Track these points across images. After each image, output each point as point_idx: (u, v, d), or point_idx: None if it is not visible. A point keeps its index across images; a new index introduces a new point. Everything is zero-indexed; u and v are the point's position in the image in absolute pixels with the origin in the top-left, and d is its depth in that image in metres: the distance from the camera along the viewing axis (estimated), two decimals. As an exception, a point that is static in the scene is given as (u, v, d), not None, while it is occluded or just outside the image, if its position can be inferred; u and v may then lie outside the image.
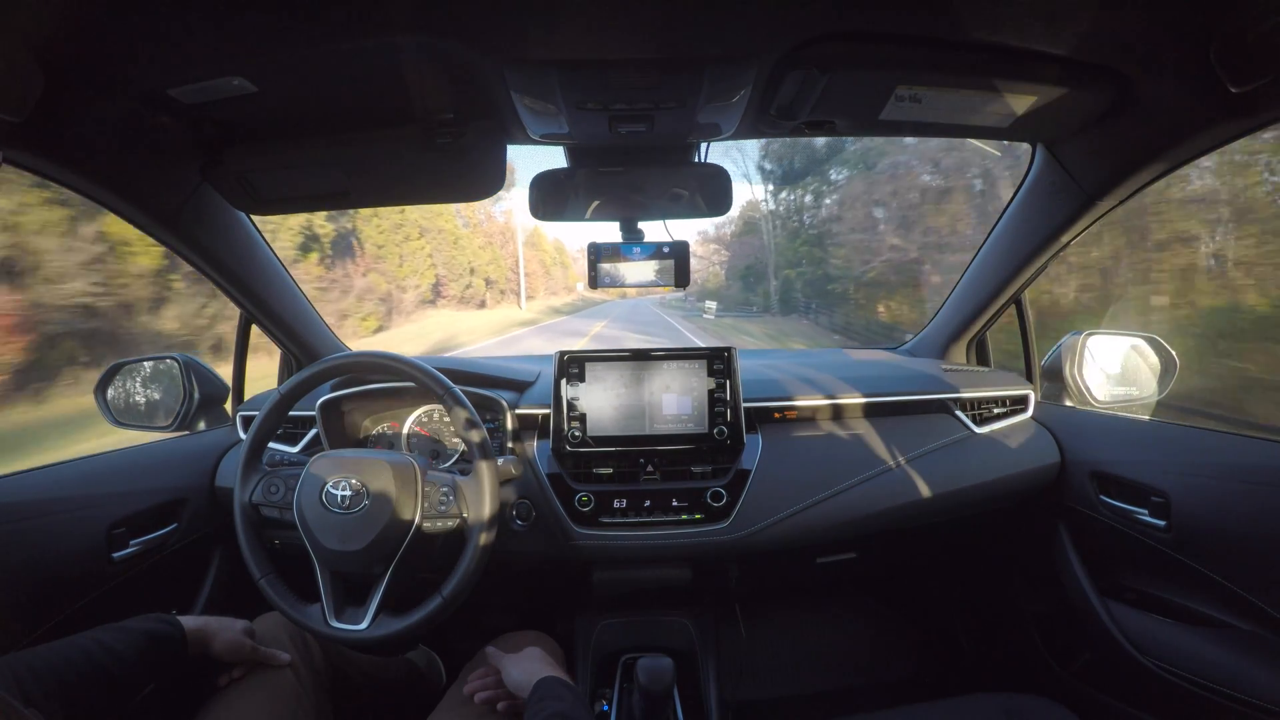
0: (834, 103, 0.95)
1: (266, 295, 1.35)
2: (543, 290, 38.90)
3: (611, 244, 1.14)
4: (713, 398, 1.19)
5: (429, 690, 1.36)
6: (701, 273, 30.52)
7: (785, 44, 0.80)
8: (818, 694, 1.61)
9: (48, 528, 0.98)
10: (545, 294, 39.08)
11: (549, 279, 41.69)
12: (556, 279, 43.67)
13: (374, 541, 0.88)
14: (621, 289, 1.19)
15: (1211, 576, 0.98)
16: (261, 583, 0.93)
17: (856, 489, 1.18)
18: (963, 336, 1.54)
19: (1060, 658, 1.31)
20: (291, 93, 0.89)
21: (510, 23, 0.74)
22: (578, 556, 1.15)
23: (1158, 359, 1.32)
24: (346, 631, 0.89)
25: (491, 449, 0.97)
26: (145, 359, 1.40)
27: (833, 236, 18.02)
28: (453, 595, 0.90)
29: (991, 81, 0.88)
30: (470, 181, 1.11)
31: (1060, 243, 1.22)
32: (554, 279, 43.01)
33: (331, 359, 1.00)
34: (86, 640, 0.76)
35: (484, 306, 26.16)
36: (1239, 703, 0.91)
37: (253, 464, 0.98)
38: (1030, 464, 1.26)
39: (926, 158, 12.99)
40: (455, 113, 0.97)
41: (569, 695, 0.79)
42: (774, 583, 1.69)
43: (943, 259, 12.02)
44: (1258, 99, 0.78)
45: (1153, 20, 0.75)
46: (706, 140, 1.12)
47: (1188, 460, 1.04)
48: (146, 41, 0.73)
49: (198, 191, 1.10)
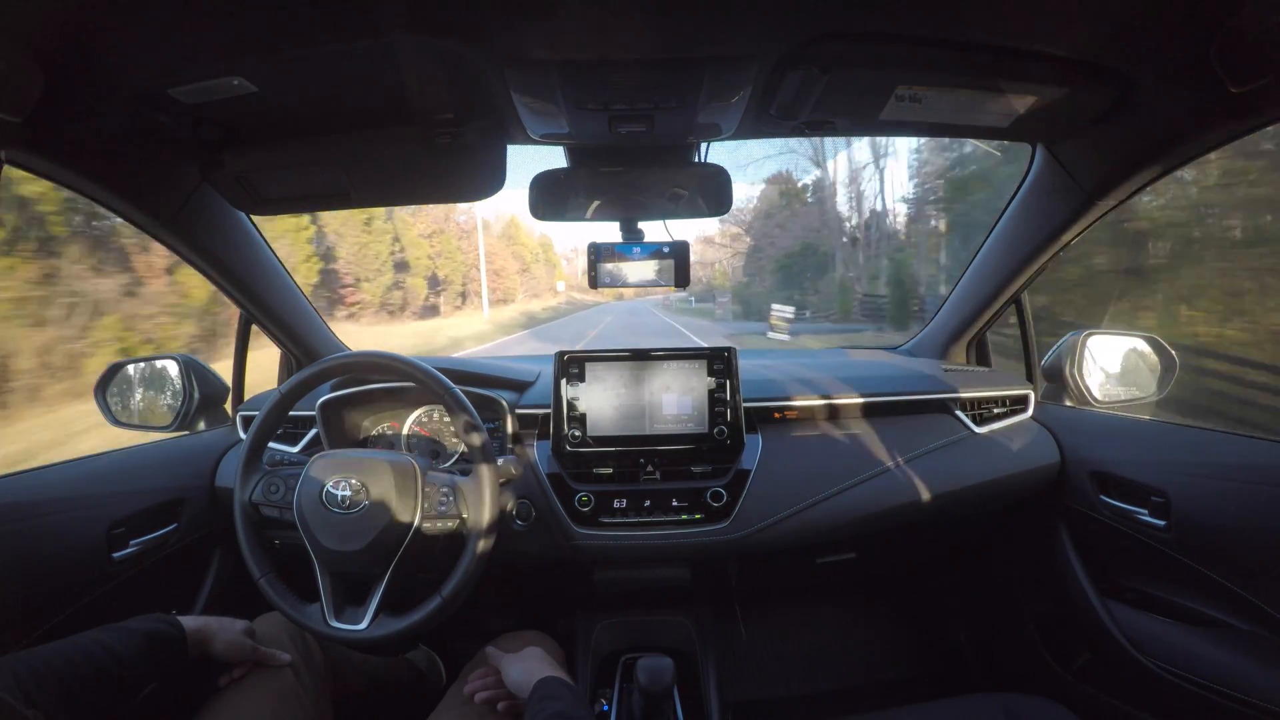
0: (834, 103, 0.95)
1: (266, 295, 1.35)
2: (522, 293, 34.16)
3: (611, 244, 1.14)
4: (713, 398, 1.19)
5: (429, 690, 1.36)
6: (706, 272, 27.31)
7: (785, 44, 0.80)
8: (818, 694, 1.61)
9: (48, 528, 0.98)
10: (526, 296, 34.49)
11: (530, 279, 36.76)
12: (539, 279, 38.96)
13: (374, 541, 0.88)
14: (616, 289, 1.19)
15: (1211, 576, 0.98)
16: (261, 582, 0.93)
17: (856, 489, 1.18)
18: (963, 336, 1.54)
19: (1060, 658, 1.31)
20: (291, 93, 0.89)
21: (510, 23, 0.73)
22: (578, 556, 1.15)
23: (1158, 359, 1.32)
24: (346, 631, 0.89)
25: (492, 449, 0.97)
26: (145, 359, 1.40)
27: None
28: (453, 595, 0.90)
29: (991, 81, 0.88)
30: (470, 181, 1.11)
31: (1060, 243, 1.22)
32: (536, 279, 38.12)
33: (331, 359, 1.00)
34: (87, 640, 0.76)
35: (437, 314, 21.81)
36: (1239, 703, 0.91)
37: (253, 464, 0.98)
38: (1030, 464, 1.26)
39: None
40: (455, 113, 0.97)
41: (569, 695, 0.79)
42: (774, 583, 1.69)
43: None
44: (1258, 99, 0.78)
45: (1153, 20, 0.75)
46: (706, 140, 1.12)
47: (1188, 460, 1.04)
48: (146, 41, 0.73)
49: (198, 191, 1.11)
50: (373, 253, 17.68)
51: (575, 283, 42.64)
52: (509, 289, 32.62)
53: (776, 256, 21.06)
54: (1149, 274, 5.09)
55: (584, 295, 41.28)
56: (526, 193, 1.10)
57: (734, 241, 26.20)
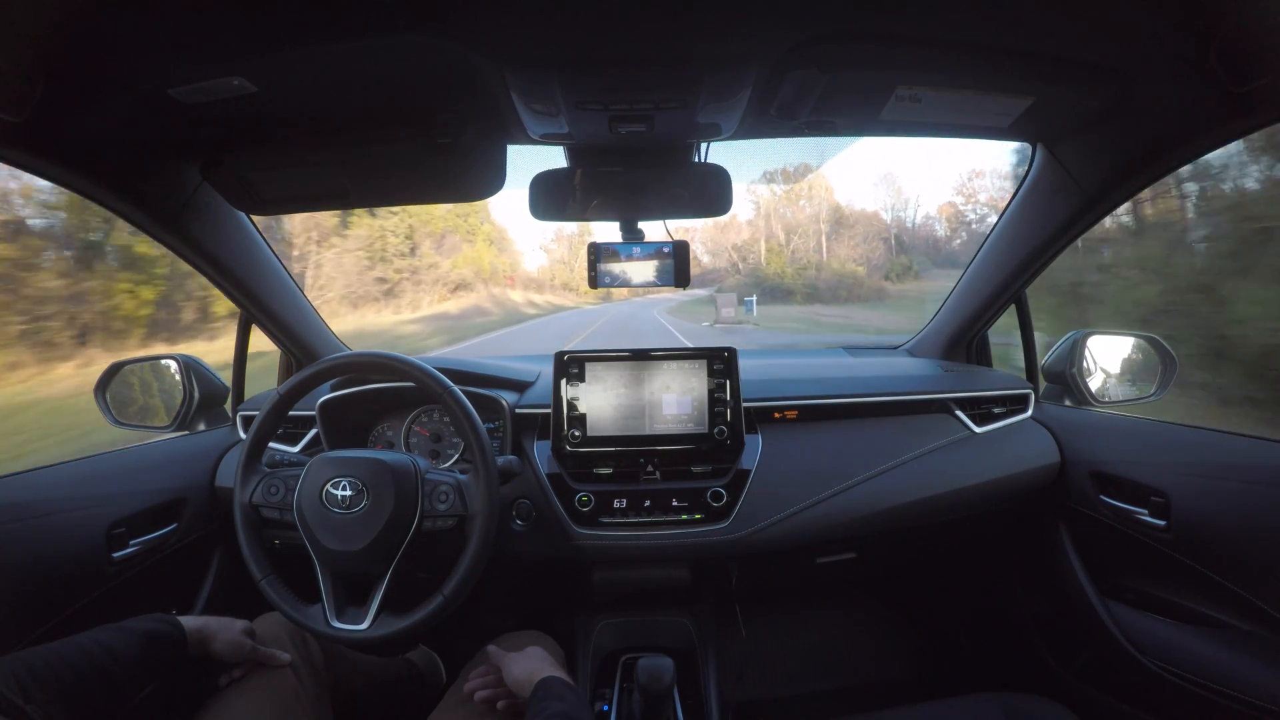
0: (834, 103, 0.95)
1: (266, 295, 1.35)
2: (430, 299, 22.84)
3: (611, 244, 1.14)
4: (713, 398, 1.19)
5: (429, 690, 1.36)
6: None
7: (785, 44, 0.80)
8: (818, 694, 1.61)
9: (48, 528, 0.98)
10: (433, 303, 22.56)
11: (415, 287, 22.94)
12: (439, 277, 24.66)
13: (374, 541, 0.88)
14: (605, 289, 1.19)
15: (1211, 576, 0.98)
16: (263, 584, 0.93)
17: (856, 489, 1.18)
18: (963, 336, 1.54)
19: (1060, 658, 1.31)
20: (291, 93, 0.89)
21: (510, 23, 0.74)
22: (578, 556, 1.15)
23: (1158, 359, 1.32)
24: (348, 632, 0.89)
25: (492, 449, 0.97)
26: (145, 359, 1.40)
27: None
28: (453, 594, 0.90)
29: (991, 81, 0.88)
30: (470, 181, 1.11)
31: (1060, 242, 1.22)
32: (417, 280, 23.23)
33: (331, 359, 1.00)
34: (87, 640, 0.76)
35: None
36: (1239, 703, 0.91)
37: (252, 465, 0.98)
38: (1030, 464, 1.26)
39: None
40: (455, 113, 0.97)
41: (570, 695, 0.79)
42: (774, 582, 1.69)
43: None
44: (1258, 99, 0.78)
45: (1153, 20, 0.75)
46: (706, 140, 1.12)
47: (1188, 460, 1.04)
48: (147, 41, 0.73)
49: (198, 191, 1.10)
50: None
51: (554, 280, 33.88)
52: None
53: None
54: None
55: (544, 299, 31.85)
56: (526, 193, 1.11)
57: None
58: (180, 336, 9.34)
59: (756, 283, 21.72)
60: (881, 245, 23.40)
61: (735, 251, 23.73)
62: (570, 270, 38.39)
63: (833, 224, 23.44)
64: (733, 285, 23.36)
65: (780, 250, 23.97)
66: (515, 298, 30.69)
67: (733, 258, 24.63)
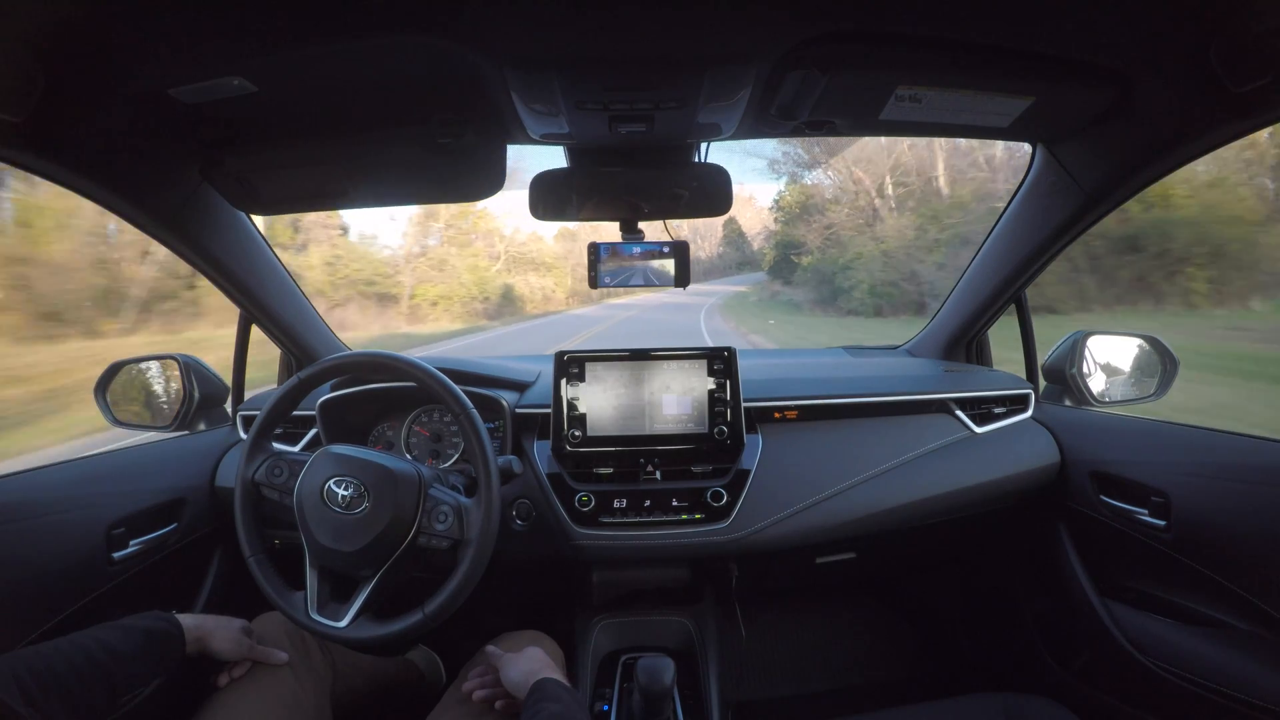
0: (834, 103, 0.94)
1: (266, 295, 1.35)
2: (378, 322, 17.64)
3: (611, 244, 1.14)
4: (713, 398, 1.19)
5: (429, 690, 1.36)
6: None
7: (785, 44, 0.80)
8: (818, 694, 1.61)
9: (48, 528, 0.98)
10: (374, 328, 16.39)
11: (369, 306, 18.07)
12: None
13: (367, 546, 0.87)
14: (605, 289, 1.18)
15: (1211, 576, 0.98)
16: (250, 561, 0.92)
17: (856, 489, 1.18)
18: (963, 336, 1.54)
19: (1060, 658, 1.31)
20: (291, 93, 0.89)
21: (510, 23, 0.73)
22: (578, 556, 1.15)
23: (1158, 358, 1.32)
24: (325, 626, 0.89)
25: (495, 468, 0.94)
26: (145, 359, 1.40)
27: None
28: (434, 615, 0.89)
29: (991, 81, 0.88)
30: (470, 182, 1.11)
31: (1060, 243, 1.22)
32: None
33: (343, 356, 1.00)
34: (86, 639, 0.76)
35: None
36: (1239, 703, 0.91)
37: (260, 443, 0.97)
38: (1030, 464, 1.26)
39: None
40: (455, 113, 0.97)
41: (567, 697, 0.79)
42: (774, 583, 1.69)
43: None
44: (1258, 99, 0.78)
45: (1153, 20, 0.75)
46: (706, 140, 1.12)
47: (1188, 460, 1.04)
48: (146, 41, 0.73)
49: (198, 191, 1.10)
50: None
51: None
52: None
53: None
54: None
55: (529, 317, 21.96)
56: (526, 192, 1.11)
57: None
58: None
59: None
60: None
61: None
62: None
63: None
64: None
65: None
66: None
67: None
